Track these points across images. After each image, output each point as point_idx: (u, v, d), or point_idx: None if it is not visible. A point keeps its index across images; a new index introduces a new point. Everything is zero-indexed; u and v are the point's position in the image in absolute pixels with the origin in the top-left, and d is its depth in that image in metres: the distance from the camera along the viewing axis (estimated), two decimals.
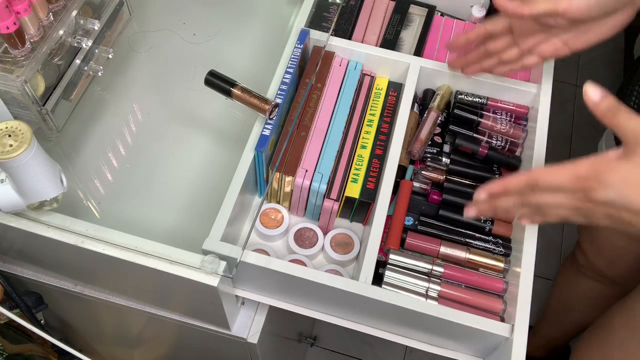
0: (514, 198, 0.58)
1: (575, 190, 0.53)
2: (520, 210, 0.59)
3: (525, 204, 0.58)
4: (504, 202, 0.59)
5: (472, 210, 0.62)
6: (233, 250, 0.63)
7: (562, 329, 1.32)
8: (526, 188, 0.56)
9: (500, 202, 0.59)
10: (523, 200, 0.57)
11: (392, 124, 0.77)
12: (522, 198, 0.57)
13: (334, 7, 0.85)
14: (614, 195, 0.51)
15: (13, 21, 0.66)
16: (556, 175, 0.54)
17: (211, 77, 0.71)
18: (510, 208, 0.59)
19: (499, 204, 0.60)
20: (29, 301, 0.80)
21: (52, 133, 0.78)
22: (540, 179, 0.55)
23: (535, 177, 0.55)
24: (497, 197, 0.59)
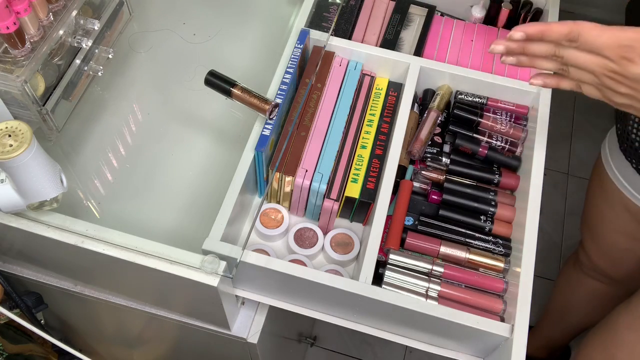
0: (547, 47, 0.56)
1: (612, 57, 0.52)
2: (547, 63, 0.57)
3: (556, 57, 0.56)
4: (537, 48, 0.56)
5: (500, 45, 0.59)
6: (233, 250, 0.63)
7: (562, 329, 1.32)
8: (566, 39, 0.54)
9: (532, 46, 0.57)
10: (556, 52, 0.55)
11: (392, 124, 0.77)
12: (556, 49, 0.55)
13: (334, 7, 0.85)
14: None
15: (13, 21, 0.66)
16: (599, 35, 0.52)
17: (211, 77, 0.71)
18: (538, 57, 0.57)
19: (529, 48, 0.57)
20: (29, 301, 0.80)
21: (52, 133, 0.78)
22: (584, 33, 0.53)
23: (580, 29, 0.53)
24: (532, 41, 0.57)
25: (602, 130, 1.01)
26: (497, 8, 0.87)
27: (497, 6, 0.87)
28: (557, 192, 1.79)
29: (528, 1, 0.87)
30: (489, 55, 0.84)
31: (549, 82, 0.58)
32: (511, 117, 0.79)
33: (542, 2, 0.87)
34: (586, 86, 0.56)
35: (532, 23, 0.57)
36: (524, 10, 0.87)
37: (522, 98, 0.80)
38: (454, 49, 0.84)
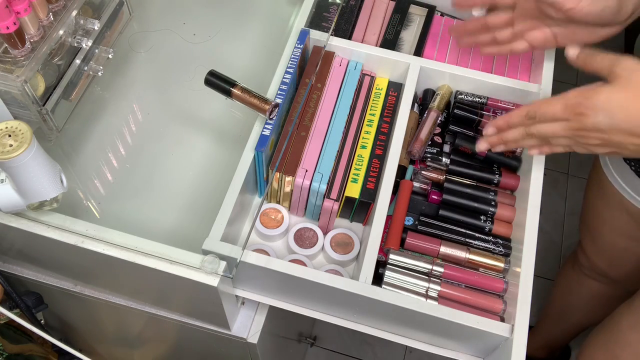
0: (518, 130, 0.63)
1: (568, 117, 0.58)
2: (527, 141, 0.64)
3: (529, 134, 0.63)
4: (511, 134, 0.65)
5: (483, 144, 0.68)
6: (233, 250, 0.63)
7: (562, 329, 1.32)
8: (527, 119, 0.62)
9: (507, 134, 0.65)
10: (527, 132, 0.63)
11: (392, 124, 0.77)
12: (525, 129, 0.63)
13: (334, 7, 0.85)
14: (601, 117, 0.56)
15: (13, 21, 0.66)
16: (549, 105, 0.60)
17: (211, 77, 0.71)
18: (517, 139, 0.65)
19: (506, 137, 0.65)
20: (29, 301, 0.80)
21: (52, 133, 0.78)
22: (537, 110, 0.61)
23: (533, 108, 0.61)
24: (504, 130, 0.65)
25: None
26: None
27: None
28: (557, 192, 1.79)
29: None
30: (489, 55, 0.84)
31: (544, 150, 0.65)
32: None
33: None
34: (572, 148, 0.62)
35: (498, 117, 0.66)
36: None
37: (522, 98, 0.80)
38: (454, 49, 0.84)
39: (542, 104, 0.61)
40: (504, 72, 0.82)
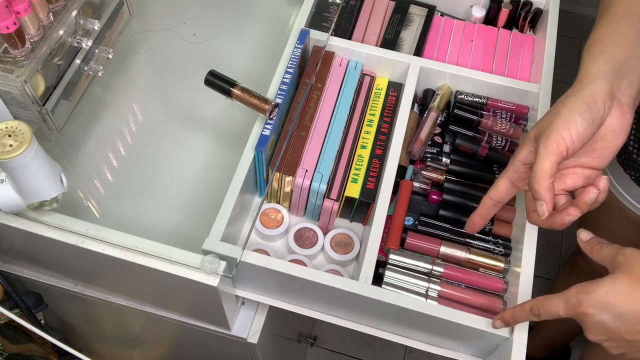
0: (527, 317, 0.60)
1: (574, 317, 0.56)
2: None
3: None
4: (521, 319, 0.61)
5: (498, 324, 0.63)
6: (233, 250, 0.63)
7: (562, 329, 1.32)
8: (531, 315, 0.59)
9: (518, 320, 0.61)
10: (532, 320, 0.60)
11: (392, 124, 0.77)
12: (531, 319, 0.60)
13: (334, 7, 0.85)
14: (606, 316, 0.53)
15: (13, 21, 0.66)
16: (551, 303, 0.56)
17: (211, 77, 0.71)
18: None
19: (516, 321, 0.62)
20: (29, 301, 0.80)
21: (52, 133, 0.78)
22: (539, 307, 0.57)
23: (536, 304, 0.58)
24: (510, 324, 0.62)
25: None
26: (497, 8, 0.87)
27: (497, 6, 0.87)
28: None
29: (528, 1, 0.87)
30: (489, 55, 0.84)
31: None
32: (511, 117, 0.79)
33: (542, 2, 0.87)
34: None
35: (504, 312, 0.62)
36: (523, 10, 0.87)
37: (522, 98, 0.80)
38: (454, 49, 0.84)
39: (544, 302, 0.57)
40: (504, 72, 0.82)
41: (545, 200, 0.56)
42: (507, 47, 0.85)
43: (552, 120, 0.56)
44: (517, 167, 0.60)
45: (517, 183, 0.62)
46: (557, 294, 0.56)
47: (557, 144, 0.54)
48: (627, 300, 0.51)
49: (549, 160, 0.55)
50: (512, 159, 0.61)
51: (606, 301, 0.52)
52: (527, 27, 0.88)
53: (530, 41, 0.86)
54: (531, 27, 0.88)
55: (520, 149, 0.60)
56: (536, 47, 0.84)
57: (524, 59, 0.84)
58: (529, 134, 0.59)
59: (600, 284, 0.53)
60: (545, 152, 0.55)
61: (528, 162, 0.59)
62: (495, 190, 0.63)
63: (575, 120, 0.54)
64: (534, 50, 0.84)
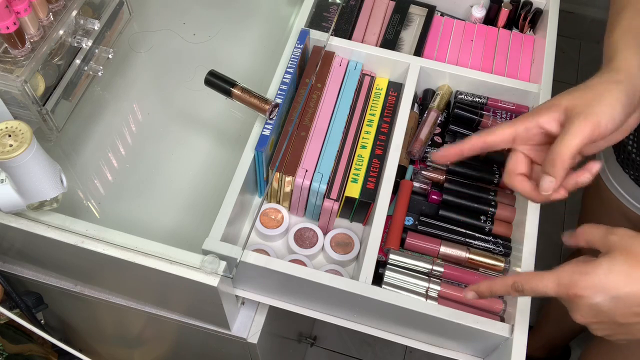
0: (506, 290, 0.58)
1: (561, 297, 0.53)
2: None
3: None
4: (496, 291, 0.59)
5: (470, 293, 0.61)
6: (233, 250, 0.63)
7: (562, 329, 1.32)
8: (512, 290, 0.56)
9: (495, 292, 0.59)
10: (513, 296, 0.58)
11: (392, 124, 0.77)
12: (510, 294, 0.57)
13: (334, 7, 0.85)
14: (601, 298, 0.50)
15: (13, 21, 0.66)
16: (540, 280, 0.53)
17: (211, 77, 0.71)
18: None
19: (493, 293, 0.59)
20: (29, 301, 0.80)
21: (52, 133, 0.78)
22: (524, 283, 0.55)
23: (520, 280, 0.55)
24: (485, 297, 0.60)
25: None
26: (497, 8, 0.87)
27: (497, 6, 0.87)
28: None
29: (528, 1, 0.87)
30: (489, 55, 0.84)
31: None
32: (511, 117, 0.79)
33: (542, 2, 0.87)
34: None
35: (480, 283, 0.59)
36: (524, 10, 0.87)
37: (522, 98, 0.80)
38: (454, 49, 0.84)
39: (531, 278, 0.54)
40: (504, 72, 0.82)
41: (558, 178, 0.54)
42: (507, 47, 0.85)
43: (593, 102, 0.53)
44: (531, 126, 0.57)
45: (519, 139, 0.58)
46: (546, 271, 0.54)
47: (594, 129, 0.52)
48: (627, 281, 0.49)
49: (579, 141, 0.52)
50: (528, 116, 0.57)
51: (604, 283, 0.50)
52: (527, 27, 0.88)
53: (530, 41, 0.86)
54: (531, 27, 0.88)
55: (545, 111, 0.56)
56: (536, 47, 0.84)
57: (524, 59, 0.84)
58: (560, 102, 0.55)
59: (598, 265, 0.51)
60: (580, 132, 0.52)
61: (546, 127, 0.56)
62: (494, 136, 0.59)
63: (618, 112, 0.53)
64: (534, 50, 0.84)
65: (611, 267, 0.50)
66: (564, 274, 0.52)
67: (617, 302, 0.50)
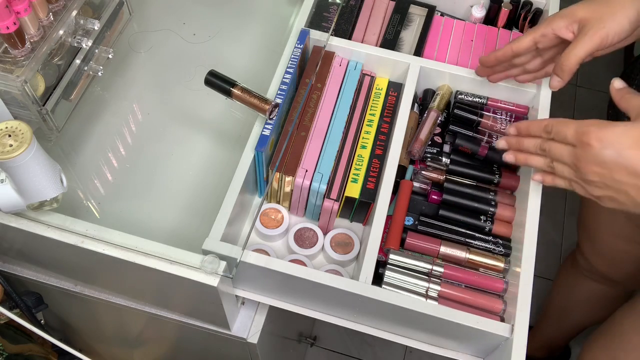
0: (535, 141, 0.64)
1: (575, 143, 0.57)
2: (537, 159, 0.64)
3: (542, 150, 0.63)
4: (527, 142, 0.65)
5: (502, 142, 0.68)
6: (233, 250, 0.63)
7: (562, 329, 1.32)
8: (544, 132, 0.62)
9: (524, 142, 0.65)
10: (541, 145, 0.63)
11: (392, 124, 0.77)
12: (541, 143, 0.63)
13: (334, 7, 0.85)
14: (608, 151, 0.55)
15: (13, 21, 0.66)
16: (564, 125, 0.59)
17: (211, 77, 0.71)
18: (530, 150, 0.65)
19: (523, 143, 0.65)
20: (29, 301, 0.80)
21: (52, 133, 0.78)
22: (553, 125, 0.60)
23: (551, 122, 0.61)
24: (523, 135, 0.66)
25: None
26: (497, 8, 0.87)
27: (497, 6, 0.87)
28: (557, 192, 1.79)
29: (528, 1, 0.87)
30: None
31: (546, 179, 0.65)
32: (511, 117, 0.79)
33: (542, 2, 0.87)
34: (572, 184, 0.61)
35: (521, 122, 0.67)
36: (524, 10, 0.87)
37: (522, 98, 0.80)
38: (454, 49, 0.84)
39: (559, 122, 0.60)
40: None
41: (564, 79, 0.65)
42: None
43: (605, 16, 0.62)
44: (547, 32, 0.67)
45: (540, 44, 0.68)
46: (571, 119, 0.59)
47: (602, 41, 0.62)
48: (633, 144, 0.54)
49: (586, 51, 0.62)
50: (545, 24, 0.67)
51: (614, 139, 0.54)
52: (527, 27, 0.88)
53: None
54: (531, 27, 0.88)
55: (560, 19, 0.65)
56: None
57: None
58: (576, 12, 0.64)
59: (617, 124, 0.55)
60: (589, 42, 0.62)
61: (560, 34, 0.66)
62: (518, 43, 0.69)
63: (625, 27, 0.62)
64: None
65: (627, 130, 0.55)
66: (585, 122, 0.57)
67: (617, 159, 0.54)
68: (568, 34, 0.65)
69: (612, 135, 0.55)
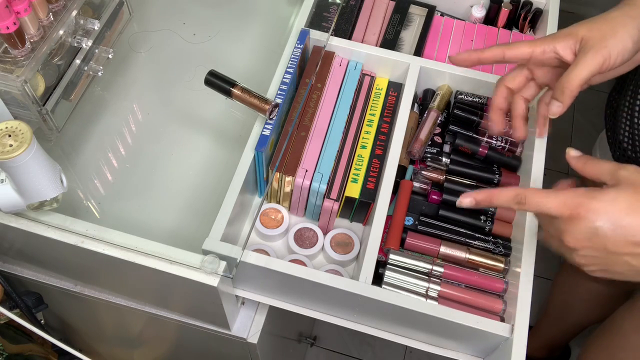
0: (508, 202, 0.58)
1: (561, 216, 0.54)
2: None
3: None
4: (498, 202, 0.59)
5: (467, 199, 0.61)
6: (233, 250, 0.63)
7: (562, 328, 1.32)
8: (514, 203, 0.57)
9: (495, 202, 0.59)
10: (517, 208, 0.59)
11: (392, 124, 0.77)
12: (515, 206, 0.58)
13: (334, 7, 0.85)
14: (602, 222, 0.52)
15: (13, 21, 0.66)
16: (546, 197, 0.55)
17: (211, 77, 0.71)
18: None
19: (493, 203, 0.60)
20: (29, 301, 0.80)
21: (52, 133, 0.78)
22: (528, 197, 0.56)
23: (523, 194, 0.56)
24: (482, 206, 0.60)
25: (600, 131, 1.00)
26: (497, 8, 0.87)
27: (497, 6, 0.87)
28: None
29: (528, 1, 0.87)
30: None
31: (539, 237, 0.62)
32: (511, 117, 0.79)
33: (542, 2, 0.87)
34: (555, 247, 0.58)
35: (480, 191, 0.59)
36: (524, 10, 0.87)
37: None
38: (454, 49, 0.84)
39: (536, 193, 0.55)
40: (504, 72, 0.82)
41: (565, 104, 0.59)
42: None
43: (607, 35, 0.58)
44: (547, 50, 0.61)
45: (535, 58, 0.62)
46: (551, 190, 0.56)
47: (604, 62, 0.57)
48: (629, 211, 0.51)
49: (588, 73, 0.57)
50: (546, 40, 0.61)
51: (608, 209, 0.52)
52: (527, 27, 0.88)
53: None
54: (531, 27, 0.88)
55: (562, 38, 0.61)
56: None
57: None
58: (577, 31, 0.60)
59: (605, 192, 0.52)
60: (591, 62, 0.57)
61: (560, 53, 0.61)
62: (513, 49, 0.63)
63: (628, 46, 0.58)
64: None
65: (617, 196, 0.52)
66: (571, 194, 0.54)
67: (615, 229, 0.52)
68: (568, 54, 0.60)
69: (604, 205, 0.52)
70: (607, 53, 0.57)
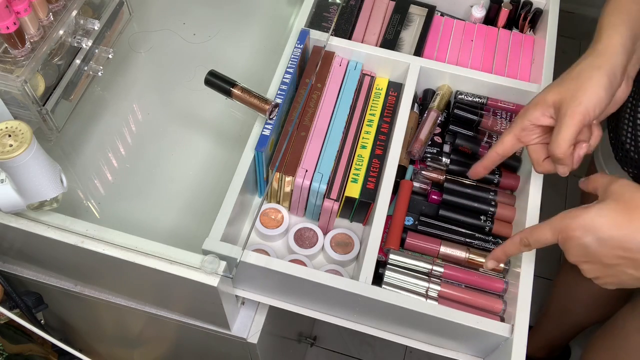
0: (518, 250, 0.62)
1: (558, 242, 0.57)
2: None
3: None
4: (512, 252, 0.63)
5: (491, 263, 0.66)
6: (233, 250, 0.63)
7: (562, 328, 1.32)
8: (522, 246, 0.60)
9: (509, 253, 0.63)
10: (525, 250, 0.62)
11: (392, 124, 0.77)
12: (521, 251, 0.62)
13: (334, 7, 0.85)
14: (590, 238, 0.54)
15: (13, 21, 0.66)
16: (539, 231, 0.58)
17: (211, 77, 0.71)
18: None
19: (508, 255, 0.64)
20: (29, 301, 0.80)
21: (52, 133, 0.78)
22: (529, 237, 0.59)
23: (525, 235, 0.60)
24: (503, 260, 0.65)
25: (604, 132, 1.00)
26: (497, 8, 0.87)
27: (497, 6, 0.87)
28: (557, 192, 1.79)
29: (528, 1, 0.87)
30: (489, 55, 0.84)
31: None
32: (511, 117, 0.79)
33: (542, 2, 0.87)
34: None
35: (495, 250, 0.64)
36: (524, 10, 0.87)
37: (522, 98, 0.80)
38: (454, 49, 0.84)
39: (532, 231, 0.59)
40: (504, 72, 0.82)
41: (568, 164, 0.61)
42: (507, 47, 0.85)
43: (578, 92, 0.58)
44: (526, 126, 0.63)
45: (523, 139, 0.65)
46: (543, 222, 0.58)
47: (584, 117, 0.58)
48: (611, 225, 0.53)
49: (572, 132, 0.58)
50: (520, 117, 0.64)
51: (592, 224, 0.54)
52: (527, 27, 0.88)
53: (530, 41, 0.86)
54: (531, 27, 0.88)
55: (533, 110, 0.62)
56: (536, 47, 0.84)
57: (524, 59, 0.84)
58: (546, 98, 0.61)
59: (588, 209, 0.54)
60: (572, 123, 0.58)
61: (539, 123, 0.62)
62: (501, 145, 0.66)
63: (602, 96, 0.58)
64: (534, 51, 0.84)
65: (600, 211, 0.54)
66: (556, 220, 0.56)
67: (601, 244, 0.53)
68: (547, 121, 0.62)
69: (586, 221, 0.54)
70: (584, 109, 0.58)
